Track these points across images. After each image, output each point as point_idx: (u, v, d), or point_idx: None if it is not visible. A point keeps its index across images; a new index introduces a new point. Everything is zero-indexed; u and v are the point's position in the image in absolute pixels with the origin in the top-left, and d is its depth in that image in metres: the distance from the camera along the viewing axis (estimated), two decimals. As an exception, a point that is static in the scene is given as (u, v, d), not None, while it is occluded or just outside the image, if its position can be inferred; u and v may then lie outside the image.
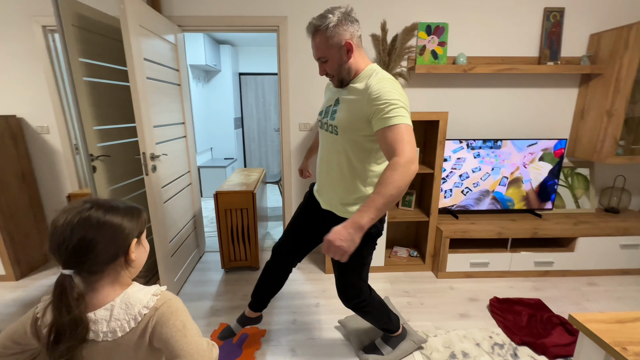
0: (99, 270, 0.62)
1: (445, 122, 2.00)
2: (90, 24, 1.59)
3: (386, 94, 0.98)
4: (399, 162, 0.90)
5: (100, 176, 1.67)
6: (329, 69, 1.11)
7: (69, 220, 0.60)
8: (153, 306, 0.65)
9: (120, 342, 0.63)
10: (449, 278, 2.19)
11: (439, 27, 2.15)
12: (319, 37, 1.06)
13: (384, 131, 0.97)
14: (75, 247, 0.59)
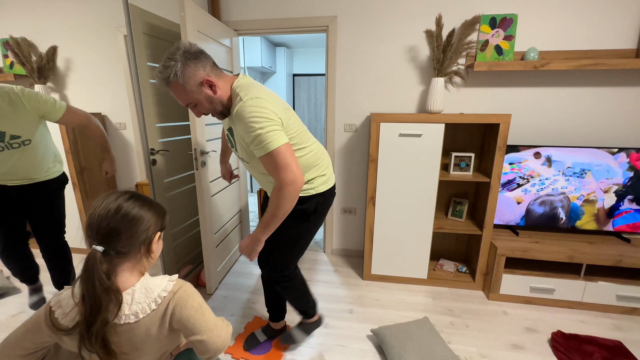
0: (124, 253, 0.68)
1: (507, 126, 1.78)
2: (157, 31, 1.77)
3: (249, 124, 1.00)
4: (278, 189, 1.03)
5: (159, 169, 1.85)
6: (203, 111, 1.09)
7: (108, 204, 0.67)
8: (171, 290, 0.71)
9: (141, 324, 0.68)
10: (502, 301, 1.94)
11: (505, 19, 1.92)
12: (173, 88, 1.03)
13: (263, 160, 1.05)
14: (109, 228, 0.66)
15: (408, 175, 1.93)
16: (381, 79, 2.15)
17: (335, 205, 2.47)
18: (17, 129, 1.34)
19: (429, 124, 1.83)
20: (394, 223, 2.03)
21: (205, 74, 1.03)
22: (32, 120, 1.38)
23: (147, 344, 0.70)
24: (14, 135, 1.35)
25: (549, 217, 1.99)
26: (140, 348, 0.70)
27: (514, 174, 1.97)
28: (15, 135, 1.35)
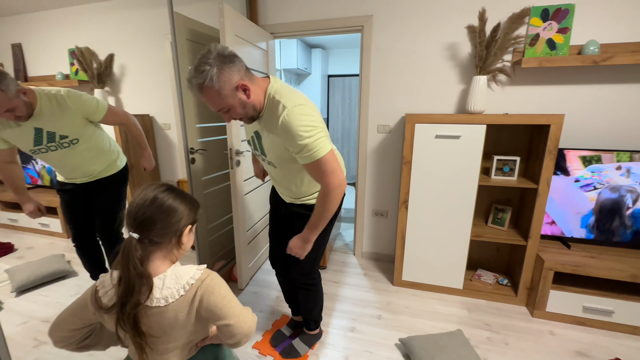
0: (157, 242, 0.73)
1: (559, 127, 1.62)
2: (198, 36, 1.86)
3: (298, 133, 0.99)
4: (326, 194, 1.07)
5: (197, 167, 1.95)
6: (235, 116, 1.06)
7: (145, 195, 0.72)
8: (199, 278, 0.75)
9: (170, 308, 0.72)
10: (549, 320, 1.77)
11: (560, 10, 1.75)
12: (207, 94, 0.97)
13: (308, 167, 1.07)
14: (145, 217, 0.71)
15: (444, 178, 1.83)
16: (417, 78, 2.07)
17: (366, 207, 2.43)
18: (65, 129, 1.45)
19: (469, 125, 1.73)
20: (427, 228, 1.94)
21: (239, 77, 0.99)
22: (78, 120, 1.47)
23: (174, 329, 0.74)
24: (63, 135, 1.45)
25: (613, 225, 1.77)
26: (168, 333, 0.74)
27: (592, 179, 1.77)
28: (63, 135, 1.45)
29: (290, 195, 1.31)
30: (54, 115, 1.41)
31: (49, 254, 2.46)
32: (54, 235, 2.89)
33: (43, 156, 1.51)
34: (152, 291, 0.71)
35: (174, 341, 0.76)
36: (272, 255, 1.52)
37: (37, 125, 1.40)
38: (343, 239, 2.88)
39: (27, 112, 1.34)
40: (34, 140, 1.42)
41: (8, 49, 2.97)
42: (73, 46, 2.75)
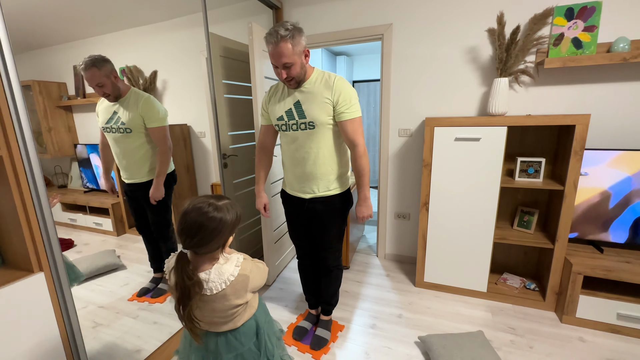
0: (205, 252, 0.88)
1: (584, 128, 1.59)
2: (229, 52, 2.05)
3: (347, 91, 1.30)
4: (360, 151, 1.35)
5: (229, 171, 2.13)
6: (293, 73, 1.26)
7: (195, 217, 0.85)
8: (238, 273, 0.90)
9: (215, 297, 0.88)
10: (579, 326, 1.71)
11: (586, 8, 1.72)
12: (284, 45, 1.19)
13: (349, 123, 1.31)
14: (197, 239, 0.84)
15: (465, 180, 1.85)
16: (438, 82, 2.10)
17: (389, 209, 2.47)
18: (126, 119, 1.74)
19: (489, 127, 1.74)
20: (449, 230, 1.95)
21: (305, 45, 1.27)
22: (137, 118, 1.77)
23: (220, 310, 0.91)
24: (123, 122, 1.75)
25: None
26: (211, 315, 0.91)
27: (592, 180, 1.73)
28: (124, 122, 1.75)
29: (315, 180, 1.41)
30: (129, 107, 1.74)
31: (102, 250, 2.77)
32: (105, 234, 3.23)
33: (108, 135, 1.81)
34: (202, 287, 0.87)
35: (221, 318, 0.92)
36: (305, 255, 1.65)
37: (115, 110, 1.73)
38: (366, 241, 2.93)
39: (113, 94, 1.67)
40: (108, 119, 1.74)
41: (70, 70, 3.41)
42: (124, 65, 3.09)
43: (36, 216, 0.97)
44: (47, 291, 1.01)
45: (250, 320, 0.99)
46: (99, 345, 1.60)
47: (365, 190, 1.41)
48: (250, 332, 0.98)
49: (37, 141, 1.67)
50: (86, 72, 1.59)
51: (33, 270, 0.99)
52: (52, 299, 1.03)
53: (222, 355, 0.94)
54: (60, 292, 1.05)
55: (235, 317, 0.94)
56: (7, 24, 0.88)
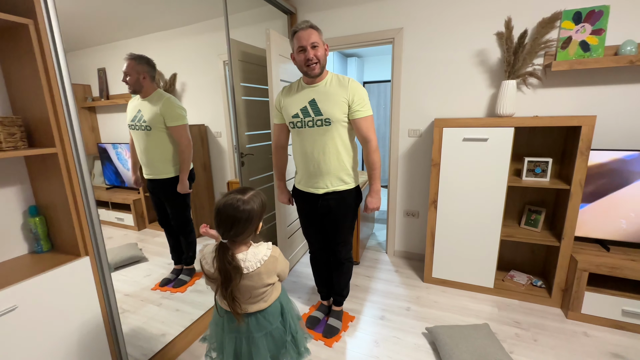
0: (241, 239, 1.00)
1: (590, 129, 1.63)
2: (247, 57, 2.17)
3: (361, 92, 1.43)
4: (372, 147, 1.48)
5: (246, 169, 2.24)
6: (319, 54, 1.39)
7: (229, 212, 0.96)
8: (271, 254, 1.03)
9: (251, 274, 0.99)
10: (584, 322, 1.76)
11: (594, 12, 1.76)
12: (313, 31, 1.37)
13: (363, 121, 1.43)
14: (233, 232, 0.96)
15: (473, 179, 1.92)
16: (447, 84, 2.17)
17: (398, 208, 2.55)
18: (148, 117, 1.87)
19: (496, 128, 1.80)
20: (456, 228, 2.02)
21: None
22: (157, 116, 1.88)
23: (255, 289, 1.02)
24: (145, 120, 1.87)
25: (652, 232, 1.72)
26: (251, 291, 1.02)
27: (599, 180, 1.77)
28: (145, 120, 1.88)
29: (328, 176, 1.50)
30: (151, 106, 1.88)
31: (124, 243, 2.93)
32: (127, 228, 3.40)
33: (132, 132, 1.94)
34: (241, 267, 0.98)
35: (254, 297, 1.03)
36: (317, 250, 1.74)
37: (140, 108, 1.86)
38: (376, 238, 3.01)
39: (133, 87, 1.82)
40: (133, 117, 1.87)
41: (95, 73, 3.59)
42: (144, 68, 3.24)
43: (84, 207, 1.09)
44: (92, 274, 1.14)
45: (276, 302, 1.09)
46: (127, 329, 1.73)
47: (376, 183, 1.53)
48: (276, 312, 1.09)
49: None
50: (126, 60, 1.82)
51: (80, 255, 1.11)
52: (95, 281, 1.15)
53: (254, 334, 1.05)
54: (102, 275, 1.17)
55: (265, 296, 1.05)
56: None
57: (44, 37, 0.96)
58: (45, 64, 0.97)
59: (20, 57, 0.99)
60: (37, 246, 1.14)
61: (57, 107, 1.00)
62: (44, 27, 0.95)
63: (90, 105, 3.34)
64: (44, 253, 1.15)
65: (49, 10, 0.95)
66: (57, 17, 0.98)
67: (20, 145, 1.00)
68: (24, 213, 1.13)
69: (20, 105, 1.05)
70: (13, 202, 1.10)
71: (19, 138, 0.99)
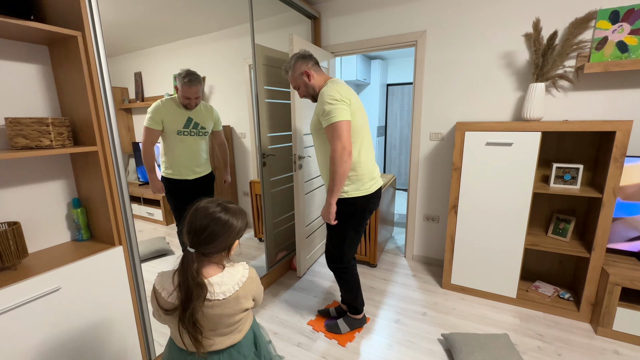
0: (211, 254, 0.86)
1: (625, 134, 1.54)
2: (271, 61, 2.24)
3: (326, 97, 1.36)
4: (333, 157, 1.35)
5: (267, 170, 2.31)
6: (301, 93, 1.57)
7: (205, 217, 0.84)
8: (249, 276, 0.92)
9: (228, 300, 0.85)
10: (615, 339, 1.65)
11: (633, 10, 1.67)
12: (288, 76, 1.54)
13: (326, 130, 1.38)
14: (204, 236, 0.82)
15: (495, 185, 1.86)
16: (471, 87, 2.12)
17: (418, 212, 2.52)
18: (205, 123, 2.06)
19: (522, 132, 1.74)
20: (478, 234, 1.97)
21: (306, 67, 1.49)
22: (210, 122, 2.10)
23: (229, 317, 0.87)
24: (203, 126, 2.05)
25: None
26: (223, 321, 0.87)
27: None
28: (203, 126, 2.05)
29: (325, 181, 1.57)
30: (202, 114, 2.05)
31: (154, 237, 3.11)
32: (156, 223, 3.61)
33: (181, 139, 2.00)
34: (210, 289, 0.83)
35: (225, 327, 0.88)
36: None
37: (190, 116, 1.98)
38: (395, 242, 2.99)
39: (195, 105, 1.97)
40: (184, 124, 1.97)
41: (132, 76, 3.85)
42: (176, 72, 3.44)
43: (119, 201, 1.19)
44: (124, 262, 1.24)
45: (249, 331, 0.97)
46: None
47: (328, 195, 1.43)
48: (249, 342, 0.96)
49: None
50: (192, 87, 1.88)
51: (114, 244, 1.22)
52: (127, 269, 1.25)
53: None
54: (132, 264, 1.27)
55: (239, 325, 0.92)
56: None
57: (89, 47, 1.06)
58: (90, 70, 1.08)
59: (69, 65, 1.10)
60: (78, 235, 1.26)
61: (98, 109, 1.11)
62: (90, 38, 1.06)
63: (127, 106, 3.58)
64: (83, 241, 1.27)
65: (94, 23, 1.06)
66: (101, 29, 1.08)
67: (67, 143, 1.11)
68: (68, 204, 1.25)
69: (68, 107, 1.17)
70: (59, 194, 1.22)
71: (66, 137, 1.11)
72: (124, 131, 3.27)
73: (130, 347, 1.30)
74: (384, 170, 5.38)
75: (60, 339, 1.08)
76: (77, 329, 1.12)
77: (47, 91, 1.16)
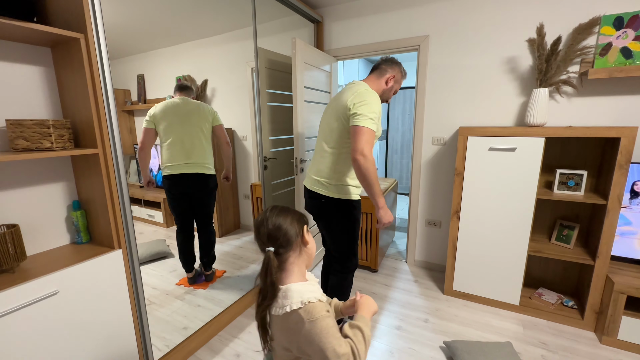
0: (286, 247, 0.81)
1: (630, 141, 1.53)
2: (273, 64, 2.24)
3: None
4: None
5: (269, 173, 2.31)
6: None
7: (265, 217, 0.83)
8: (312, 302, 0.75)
9: (283, 319, 0.77)
10: (621, 349, 1.63)
11: (637, 16, 1.66)
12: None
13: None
14: (268, 232, 0.80)
15: (498, 190, 1.85)
16: (474, 92, 2.12)
17: (420, 217, 2.50)
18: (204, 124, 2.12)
19: (525, 138, 1.73)
20: (480, 240, 1.95)
21: None
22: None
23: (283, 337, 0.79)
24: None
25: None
26: (278, 339, 0.80)
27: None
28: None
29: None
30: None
31: (154, 239, 3.10)
32: (156, 225, 3.60)
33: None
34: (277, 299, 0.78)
35: (280, 350, 0.81)
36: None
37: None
38: (396, 247, 2.97)
39: None
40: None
41: (134, 79, 3.86)
42: (179, 74, 3.45)
43: (119, 203, 1.18)
44: (123, 266, 1.23)
45: None
46: (152, 319, 1.84)
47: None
48: None
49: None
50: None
51: (114, 247, 1.21)
52: (126, 272, 1.24)
53: None
54: (132, 267, 1.26)
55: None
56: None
57: (92, 49, 1.06)
58: (92, 72, 1.07)
59: (72, 67, 1.10)
60: (77, 237, 1.25)
61: (100, 112, 1.10)
62: (93, 40, 1.06)
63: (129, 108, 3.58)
64: (83, 244, 1.26)
65: (97, 25, 1.06)
66: (104, 31, 1.08)
67: (68, 145, 1.11)
68: (68, 207, 1.24)
69: (70, 109, 1.17)
70: (59, 196, 1.21)
71: (67, 139, 1.10)
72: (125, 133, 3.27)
73: (129, 352, 1.28)
74: (385, 174, 5.37)
75: (57, 343, 1.06)
76: (74, 333, 1.11)
77: (49, 93, 1.16)
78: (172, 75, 3.52)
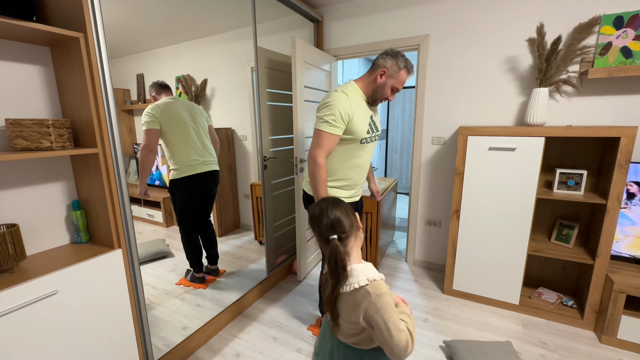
0: (348, 233, 0.88)
1: (630, 140, 1.53)
2: (273, 64, 2.24)
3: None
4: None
5: (268, 172, 2.30)
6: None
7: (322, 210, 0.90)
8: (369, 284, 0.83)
9: (350, 295, 0.85)
10: (620, 348, 1.63)
11: (637, 16, 1.66)
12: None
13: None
14: (332, 221, 0.87)
15: (498, 190, 1.85)
16: (474, 92, 2.12)
17: (419, 216, 2.50)
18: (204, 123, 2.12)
19: (525, 137, 1.73)
20: (480, 239, 1.95)
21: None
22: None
23: (347, 315, 0.87)
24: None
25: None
26: (344, 317, 0.87)
27: None
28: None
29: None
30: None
31: (153, 239, 3.10)
32: (156, 224, 3.60)
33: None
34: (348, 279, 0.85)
35: (346, 325, 0.88)
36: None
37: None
38: (396, 246, 2.97)
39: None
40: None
41: (134, 78, 3.86)
42: (179, 74, 3.45)
43: (119, 203, 1.18)
44: (123, 265, 1.23)
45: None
46: (152, 319, 1.84)
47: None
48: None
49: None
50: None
51: (114, 247, 1.20)
52: (125, 272, 1.24)
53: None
54: (132, 267, 1.26)
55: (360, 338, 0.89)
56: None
57: (91, 49, 1.06)
58: (91, 72, 1.07)
59: (71, 66, 1.10)
60: (77, 237, 1.25)
61: (100, 111, 1.10)
62: (93, 40, 1.06)
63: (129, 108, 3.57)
64: (82, 244, 1.25)
65: (97, 24, 1.06)
66: (104, 31, 1.08)
67: (67, 145, 1.11)
68: (68, 206, 1.24)
69: (69, 109, 1.17)
70: (59, 196, 1.21)
71: (66, 139, 1.10)
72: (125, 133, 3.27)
73: (129, 351, 1.28)
74: (385, 174, 5.37)
75: (57, 343, 1.06)
76: (74, 333, 1.11)
77: (49, 92, 1.16)
78: (172, 74, 3.52)
